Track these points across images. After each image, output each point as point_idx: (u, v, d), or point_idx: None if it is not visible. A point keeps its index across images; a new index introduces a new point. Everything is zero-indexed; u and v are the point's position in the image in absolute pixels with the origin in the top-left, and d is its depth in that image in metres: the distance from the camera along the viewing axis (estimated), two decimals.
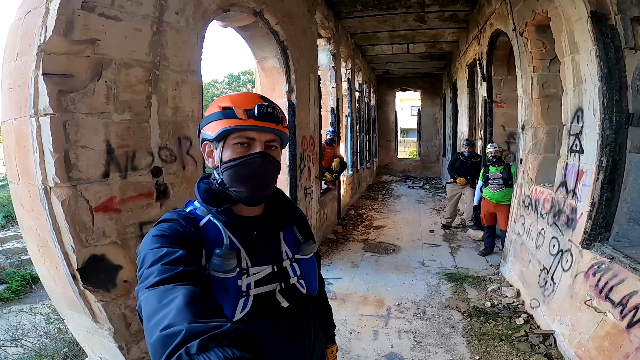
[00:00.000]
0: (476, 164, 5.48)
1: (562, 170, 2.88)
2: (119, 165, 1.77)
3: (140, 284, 0.68)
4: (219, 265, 0.82)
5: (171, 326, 0.52)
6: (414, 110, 19.81)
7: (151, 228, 0.83)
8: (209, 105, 0.91)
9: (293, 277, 0.96)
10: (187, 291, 0.61)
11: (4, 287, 4.72)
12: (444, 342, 2.74)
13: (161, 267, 0.68)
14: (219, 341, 0.49)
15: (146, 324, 0.58)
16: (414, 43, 8.01)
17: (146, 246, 0.76)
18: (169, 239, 0.78)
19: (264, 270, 0.90)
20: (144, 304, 0.62)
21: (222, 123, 0.85)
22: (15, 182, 1.74)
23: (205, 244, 0.84)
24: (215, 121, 0.86)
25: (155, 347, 0.52)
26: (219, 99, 0.90)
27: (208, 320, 0.54)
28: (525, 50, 3.64)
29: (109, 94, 1.71)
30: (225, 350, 0.48)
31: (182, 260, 0.71)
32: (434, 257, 4.63)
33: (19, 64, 1.60)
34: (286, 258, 0.96)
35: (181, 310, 0.55)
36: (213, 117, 0.87)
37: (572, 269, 2.52)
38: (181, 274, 0.67)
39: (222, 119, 0.85)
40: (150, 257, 0.71)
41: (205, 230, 0.86)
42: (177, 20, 2.11)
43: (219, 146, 0.87)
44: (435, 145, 12.83)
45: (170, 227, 0.81)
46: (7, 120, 1.70)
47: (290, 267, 0.96)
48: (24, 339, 2.84)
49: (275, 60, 3.82)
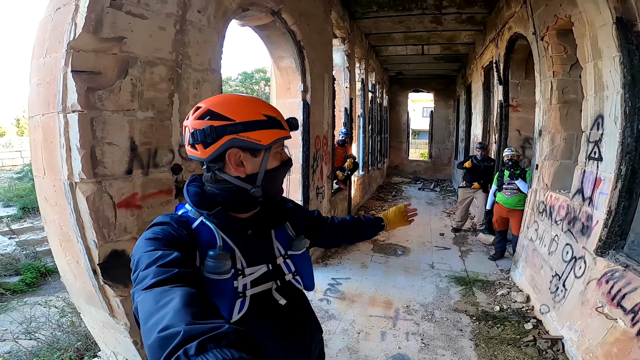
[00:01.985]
0: (489, 168, 5.42)
1: (579, 177, 2.85)
2: (141, 162, 1.80)
3: (135, 286, 0.67)
4: (213, 267, 0.81)
5: (169, 327, 0.52)
6: (426, 111, 19.64)
7: (144, 232, 0.82)
8: (236, 108, 0.84)
9: (288, 273, 0.97)
10: (184, 292, 0.60)
11: (19, 278, 4.74)
12: (451, 345, 2.75)
13: (157, 269, 0.67)
14: (217, 342, 0.49)
15: (143, 326, 0.57)
16: (429, 44, 7.93)
17: (140, 249, 0.75)
18: (163, 241, 0.77)
19: (259, 270, 0.90)
20: (141, 305, 0.62)
21: (275, 132, 0.85)
22: (40, 176, 1.77)
23: (199, 247, 0.83)
24: (266, 130, 0.84)
25: (153, 348, 0.51)
26: (257, 106, 0.86)
27: (206, 322, 0.53)
28: (545, 55, 3.59)
29: (134, 91, 1.74)
30: (224, 352, 0.47)
31: (178, 262, 0.71)
32: (443, 260, 4.61)
33: (48, 60, 1.62)
34: (279, 255, 0.96)
35: (179, 311, 0.55)
36: (262, 125, 0.84)
37: (585, 276, 2.50)
38: (177, 276, 0.66)
39: (273, 129, 0.85)
40: (145, 260, 0.71)
41: (198, 232, 0.85)
42: (199, 19, 2.13)
43: (262, 154, 0.86)
44: (447, 147, 12.70)
45: (164, 230, 0.81)
46: (35, 116, 1.73)
47: (284, 264, 0.96)
48: (38, 331, 2.84)
49: (291, 60, 3.84)
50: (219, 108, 0.83)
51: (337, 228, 1.26)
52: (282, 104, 4.08)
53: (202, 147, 0.82)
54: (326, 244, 1.28)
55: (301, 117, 4.00)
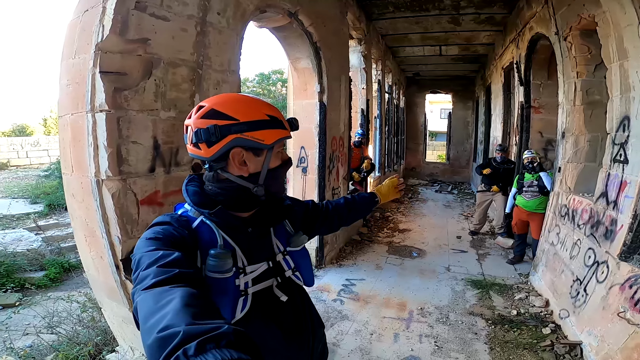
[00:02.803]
0: (509, 170, 5.31)
1: (604, 181, 2.76)
2: (163, 160, 1.86)
3: (135, 286, 0.67)
4: (215, 265, 0.81)
5: (168, 328, 0.51)
6: (444, 113, 19.36)
7: (144, 231, 0.82)
8: (240, 107, 0.85)
9: (288, 270, 0.97)
10: (184, 293, 0.60)
11: (43, 274, 4.83)
12: (465, 348, 2.71)
13: (157, 270, 0.67)
14: (217, 342, 0.49)
15: (143, 326, 0.57)
16: (447, 45, 7.83)
17: (141, 249, 0.75)
18: (164, 241, 0.77)
19: (260, 268, 0.91)
20: (140, 305, 0.61)
21: (278, 132, 0.86)
22: (69, 173, 1.84)
23: (200, 246, 0.84)
24: (269, 130, 0.85)
25: (153, 348, 0.51)
26: (260, 106, 0.87)
27: (206, 322, 0.53)
28: (568, 55, 3.50)
29: (157, 92, 1.80)
30: (223, 352, 0.47)
31: (178, 262, 0.70)
32: (460, 263, 4.54)
33: (77, 61, 1.68)
34: (278, 252, 0.97)
35: (178, 311, 0.55)
36: (265, 125, 0.85)
37: (607, 281, 2.43)
38: (178, 276, 0.66)
39: (275, 129, 0.86)
40: (146, 260, 0.71)
41: (199, 232, 0.85)
42: (219, 20, 2.18)
43: (264, 153, 0.87)
44: (466, 149, 12.47)
45: (164, 229, 0.81)
46: (64, 115, 1.80)
47: (283, 261, 0.97)
48: (59, 326, 2.88)
49: (308, 61, 3.88)
50: (223, 107, 0.83)
51: (332, 214, 1.26)
52: (299, 105, 4.13)
53: (205, 146, 0.83)
54: (324, 231, 1.29)
55: (317, 118, 4.03)
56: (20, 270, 4.81)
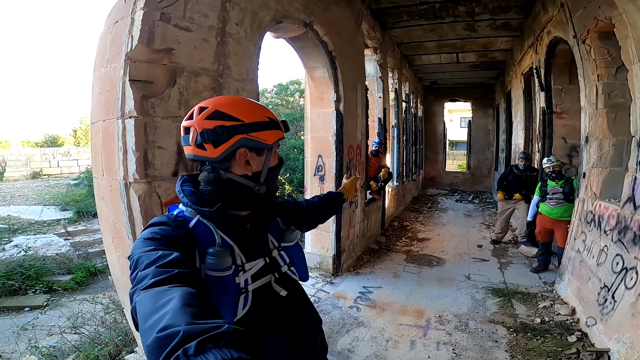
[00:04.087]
0: (532, 178, 5.16)
1: (630, 185, 2.67)
2: (186, 165, 1.94)
3: (134, 286, 0.67)
4: (214, 264, 0.82)
5: (168, 328, 0.51)
6: (464, 121, 19.04)
7: (141, 232, 0.82)
8: (243, 109, 0.90)
9: (283, 265, 0.99)
10: (183, 292, 0.60)
11: (70, 277, 5.08)
12: (485, 356, 2.63)
13: (156, 270, 0.67)
14: (216, 342, 0.49)
15: (142, 326, 0.57)
16: (464, 52, 7.78)
17: (139, 249, 0.75)
18: (162, 241, 0.77)
19: (257, 264, 0.92)
20: (139, 305, 0.61)
21: (277, 133, 0.92)
22: (99, 177, 1.95)
23: (198, 245, 0.84)
24: (270, 130, 0.90)
25: (152, 349, 0.51)
26: (259, 109, 0.91)
27: (205, 322, 0.53)
28: (588, 58, 3.43)
29: (181, 99, 1.90)
30: (223, 351, 0.47)
31: (177, 262, 0.70)
32: (480, 271, 4.42)
33: (109, 70, 1.80)
34: (273, 248, 0.99)
35: (178, 311, 0.55)
36: (267, 126, 0.90)
37: (637, 287, 2.34)
38: (177, 276, 0.66)
39: (275, 130, 0.92)
40: (144, 260, 0.70)
41: (196, 231, 0.86)
42: (237, 31, 2.28)
43: (265, 153, 0.92)
44: (487, 158, 12.19)
45: (162, 230, 0.81)
46: (97, 122, 1.92)
47: (279, 256, 0.99)
48: (83, 327, 2.99)
49: (324, 71, 3.97)
50: (227, 109, 0.86)
51: (312, 212, 1.30)
52: (315, 114, 4.21)
53: (211, 147, 0.84)
54: (305, 229, 1.33)
55: (334, 126, 4.09)
56: (49, 274, 5.07)
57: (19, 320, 3.75)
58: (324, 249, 4.20)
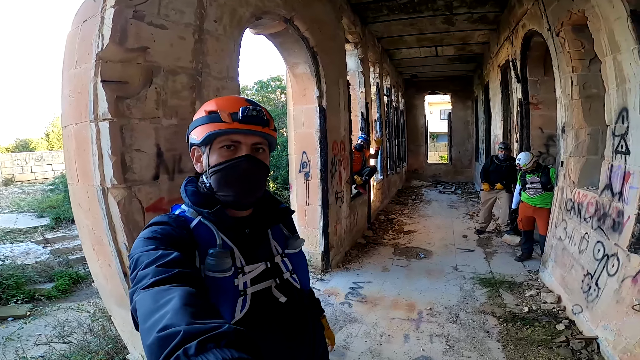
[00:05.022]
0: (512, 167, 5.30)
1: (607, 173, 2.76)
2: (167, 168, 1.86)
3: (134, 286, 0.67)
4: (214, 265, 0.81)
5: (168, 327, 0.51)
6: (444, 114, 19.39)
7: (141, 231, 0.82)
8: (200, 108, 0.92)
9: (286, 272, 0.97)
10: (183, 292, 0.60)
11: (53, 285, 4.91)
12: (477, 347, 2.69)
13: (156, 269, 0.67)
14: (217, 342, 0.49)
15: (142, 326, 0.57)
16: (443, 46, 7.88)
17: (139, 248, 0.75)
18: (162, 241, 0.77)
19: (258, 268, 0.91)
20: (139, 305, 0.61)
21: (208, 127, 0.86)
22: (74, 183, 1.85)
23: (198, 246, 0.84)
24: (201, 125, 0.87)
25: (152, 348, 0.50)
26: (206, 104, 0.90)
27: (206, 321, 0.53)
28: (562, 51, 3.52)
29: (158, 99, 1.81)
30: (224, 351, 0.47)
31: (177, 262, 0.70)
32: (467, 262, 4.52)
33: (79, 71, 1.70)
34: (277, 254, 0.97)
35: (178, 311, 0.54)
36: (199, 122, 0.87)
37: (619, 274, 2.41)
38: (177, 276, 0.66)
39: (207, 123, 0.86)
40: (145, 259, 0.70)
41: (197, 232, 0.86)
42: (216, 28, 2.20)
43: (205, 150, 0.88)
44: (467, 149, 12.46)
45: (163, 229, 0.80)
46: (68, 125, 1.80)
47: (282, 263, 0.97)
48: (70, 335, 2.91)
49: (306, 66, 3.92)
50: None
51: None
52: (298, 111, 4.17)
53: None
54: None
55: (318, 122, 4.06)
56: (30, 282, 4.88)
57: (3, 330, 3.63)
58: (313, 246, 4.19)
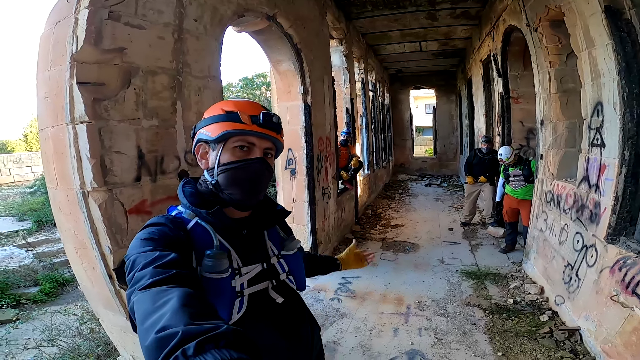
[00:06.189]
0: (495, 160, 5.41)
1: (584, 165, 2.84)
2: (149, 169, 1.85)
3: (131, 287, 0.67)
4: (211, 266, 0.81)
5: (167, 328, 0.51)
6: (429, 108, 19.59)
7: (138, 232, 0.81)
8: (210, 108, 0.92)
9: (282, 273, 0.97)
10: (181, 293, 0.60)
11: (38, 289, 4.85)
12: (465, 339, 2.75)
13: (153, 270, 0.67)
14: (215, 342, 0.49)
15: (140, 326, 0.57)
16: (426, 41, 7.94)
17: (136, 249, 0.75)
18: (159, 242, 0.76)
19: (254, 269, 0.91)
20: (137, 306, 0.61)
21: (225, 125, 0.86)
22: (53, 187, 1.80)
23: (195, 247, 0.84)
24: (217, 123, 0.86)
25: (151, 349, 0.50)
26: (222, 103, 0.91)
27: (204, 322, 0.52)
28: (540, 46, 3.60)
29: (138, 101, 1.78)
30: (222, 352, 0.47)
31: (175, 263, 0.70)
32: (453, 254, 4.61)
33: (53, 73, 1.65)
34: (273, 255, 0.97)
35: (176, 311, 0.54)
36: (215, 119, 0.87)
37: (597, 264, 2.48)
38: (174, 277, 0.66)
39: (225, 122, 0.86)
40: (142, 260, 0.70)
41: (194, 233, 0.86)
42: (196, 27, 2.17)
43: (217, 147, 0.88)
44: (452, 142, 12.65)
45: (160, 230, 0.80)
46: (45, 129, 1.76)
47: (278, 264, 0.97)
48: (59, 339, 2.90)
49: (290, 63, 3.89)
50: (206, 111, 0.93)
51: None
52: (283, 108, 4.14)
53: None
54: None
55: (303, 119, 4.04)
56: (14, 287, 4.79)
57: None
58: (300, 243, 4.18)
